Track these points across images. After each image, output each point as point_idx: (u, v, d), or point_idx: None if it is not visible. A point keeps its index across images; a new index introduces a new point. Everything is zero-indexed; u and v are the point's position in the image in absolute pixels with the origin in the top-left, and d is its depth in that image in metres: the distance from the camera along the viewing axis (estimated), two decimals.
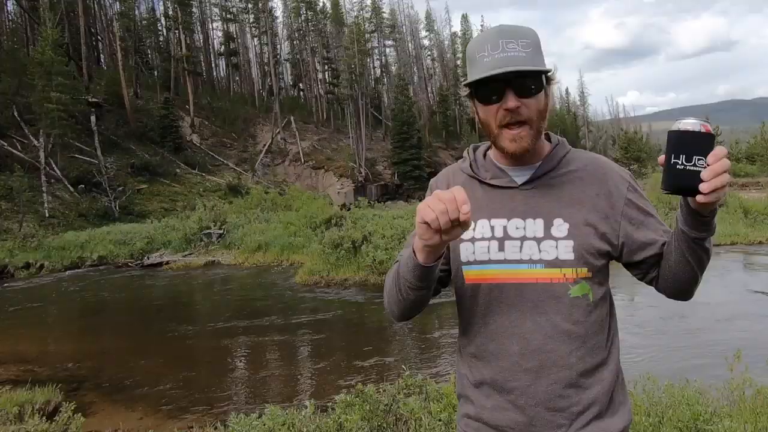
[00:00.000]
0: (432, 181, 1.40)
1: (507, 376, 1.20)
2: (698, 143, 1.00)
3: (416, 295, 1.17)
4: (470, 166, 1.31)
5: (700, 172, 0.98)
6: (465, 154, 1.36)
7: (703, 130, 1.00)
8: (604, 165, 1.27)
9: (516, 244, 1.21)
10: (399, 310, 1.23)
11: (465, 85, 1.19)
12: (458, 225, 0.98)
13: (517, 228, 1.21)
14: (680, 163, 1.00)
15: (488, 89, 1.15)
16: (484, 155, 1.32)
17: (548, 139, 1.31)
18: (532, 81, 1.14)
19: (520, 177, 1.25)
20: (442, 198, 0.97)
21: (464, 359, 1.30)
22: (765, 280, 10.40)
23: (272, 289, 12.43)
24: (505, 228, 1.22)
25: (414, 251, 1.10)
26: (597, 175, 1.24)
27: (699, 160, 0.99)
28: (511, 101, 1.13)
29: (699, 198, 0.98)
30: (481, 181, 1.28)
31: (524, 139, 1.17)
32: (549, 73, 1.17)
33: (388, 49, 67.96)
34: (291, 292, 11.86)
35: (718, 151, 0.97)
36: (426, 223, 0.99)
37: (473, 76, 1.16)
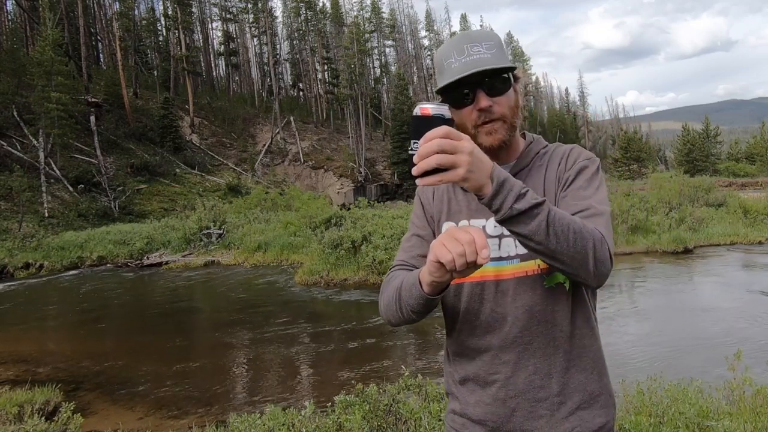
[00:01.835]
0: (419, 187, 1.41)
1: (488, 370, 1.22)
2: (415, 127, 0.97)
3: (418, 317, 1.20)
4: None
5: (413, 155, 0.95)
6: None
7: (418, 113, 0.97)
8: (570, 146, 1.30)
9: (494, 242, 1.23)
10: (396, 322, 1.25)
11: (437, 92, 1.22)
12: (473, 266, 0.97)
13: (495, 226, 1.23)
14: (408, 149, 0.98)
15: (460, 93, 1.19)
16: None
17: (525, 138, 1.35)
18: (500, 79, 1.19)
19: None
20: (461, 239, 0.95)
21: (450, 357, 1.33)
22: (765, 280, 10.40)
23: (272, 289, 12.43)
24: (484, 227, 1.25)
25: (420, 281, 1.11)
26: (560, 153, 1.28)
27: (414, 143, 0.96)
28: (484, 101, 1.18)
29: (416, 181, 0.94)
30: None
31: (499, 131, 1.21)
32: (515, 71, 1.22)
33: (387, 49, 68.02)
34: (290, 292, 11.85)
35: (430, 132, 0.93)
36: (440, 262, 0.98)
37: (443, 82, 1.19)
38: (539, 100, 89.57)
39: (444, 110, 0.98)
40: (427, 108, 0.97)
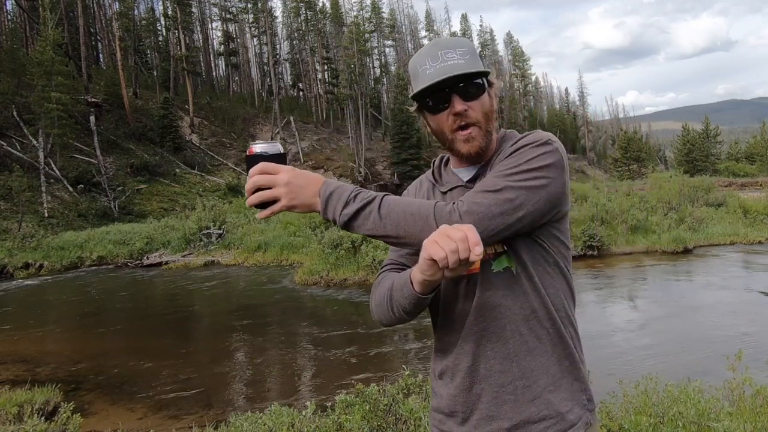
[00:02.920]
0: (404, 192, 1.45)
1: (455, 361, 1.24)
2: (247, 166, 1.09)
3: (409, 316, 1.21)
4: (432, 173, 1.39)
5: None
6: (432, 164, 1.44)
7: (247, 153, 1.09)
8: (529, 132, 1.27)
9: None
10: (388, 322, 1.27)
11: (412, 98, 1.24)
12: (465, 263, 0.96)
13: None
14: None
15: (435, 98, 1.21)
16: (446, 164, 1.39)
17: None
18: (475, 84, 1.20)
19: (466, 175, 1.30)
20: (453, 236, 0.95)
21: (433, 355, 1.36)
22: (765, 280, 10.41)
23: (272, 289, 12.43)
24: None
25: (411, 281, 1.12)
26: (515, 140, 1.25)
27: (248, 179, 1.09)
28: (458, 105, 1.19)
29: (256, 216, 1.07)
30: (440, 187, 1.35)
31: (476, 138, 1.22)
32: (488, 76, 1.22)
33: (387, 49, 67.99)
34: (290, 292, 11.85)
35: (251, 170, 1.07)
36: (433, 260, 0.98)
37: (418, 87, 1.20)
38: (539, 100, 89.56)
39: (269, 147, 1.09)
40: (252, 148, 1.09)
